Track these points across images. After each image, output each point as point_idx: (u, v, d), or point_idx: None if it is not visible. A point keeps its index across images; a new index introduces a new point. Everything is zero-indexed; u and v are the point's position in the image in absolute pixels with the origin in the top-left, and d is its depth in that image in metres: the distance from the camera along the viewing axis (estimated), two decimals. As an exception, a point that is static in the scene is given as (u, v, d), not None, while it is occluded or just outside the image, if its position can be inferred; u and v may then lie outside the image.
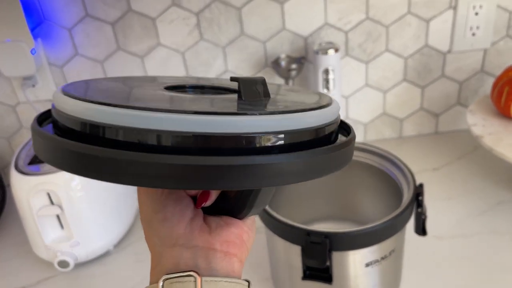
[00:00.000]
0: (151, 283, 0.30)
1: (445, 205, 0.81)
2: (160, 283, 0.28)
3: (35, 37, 0.87)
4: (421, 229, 0.58)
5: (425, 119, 1.00)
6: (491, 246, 0.71)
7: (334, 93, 0.87)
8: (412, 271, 0.67)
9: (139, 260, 0.77)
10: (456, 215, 0.78)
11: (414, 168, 0.90)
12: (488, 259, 0.69)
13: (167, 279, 0.28)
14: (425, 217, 0.59)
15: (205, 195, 0.31)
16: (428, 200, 0.76)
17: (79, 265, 0.76)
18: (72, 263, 0.73)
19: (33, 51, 0.85)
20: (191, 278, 0.27)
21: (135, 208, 0.85)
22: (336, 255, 0.53)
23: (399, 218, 0.53)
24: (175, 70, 0.93)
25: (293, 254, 0.55)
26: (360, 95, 0.97)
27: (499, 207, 0.79)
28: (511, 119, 0.78)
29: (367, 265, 0.55)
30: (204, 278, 0.28)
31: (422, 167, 0.91)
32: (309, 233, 0.51)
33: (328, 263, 0.52)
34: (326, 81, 0.86)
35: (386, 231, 0.53)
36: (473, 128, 0.77)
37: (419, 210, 0.57)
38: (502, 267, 0.67)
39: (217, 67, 0.92)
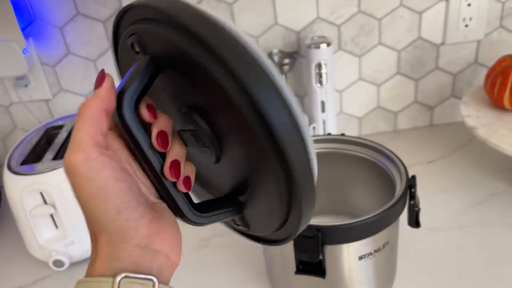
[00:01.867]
0: (99, 274, 0.29)
1: (440, 197, 0.81)
2: (118, 278, 0.27)
3: (26, 36, 0.86)
4: (414, 222, 0.58)
5: (419, 112, 1.00)
6: (486, 237, 0.71)
7: (327, 87, 0.87)
8: (408, 263, 0.67)
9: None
10: (451, 207, 0.78)
11: (409, 161, 0.90)
12: (484, 250, 0.69)
13: (127, 277, 0.28)
14: (418, 209, 0.58)
15: (188, 181, 0.30)
16: (424, 192, 0.76)
17: (74, 264, 0.76)
18: (67, 262, 0.73)
19: (24, 51, 0.85)
20: (150, 283, 0.28)
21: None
22: (329, 249, 0.53)
23: (391, 210, 0.53)
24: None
25: (286, 248, 0.55)
26: (354, 89, 0.96)
27: (494, 199, 0.79)
28: (505, 110, 0.78)
29: (361, 258, 0.55)
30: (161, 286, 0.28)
31: (417, 160, 0.91)
32: (301, 227, 0.51)
33: (321, 257, 0.52)
34: (319, 75, 0.86)
35: (378, 224, 0.53)
36: (467, 120, 0.77)
37: (412, 202, 0.56)
38: (498, 258, 0.67)
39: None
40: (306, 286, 0.59)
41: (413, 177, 0.58)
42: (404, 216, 0.58)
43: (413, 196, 0.56)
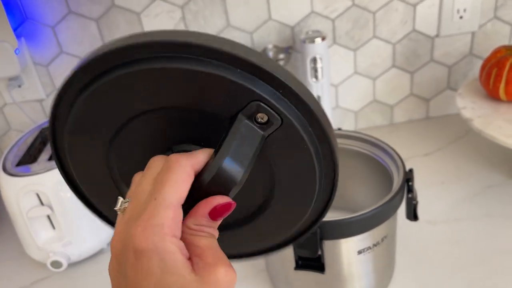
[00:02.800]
0: None
1: (437, 190, 0.81)
2: None
3: (18, 36, 0.85)
4: (412, 215, 0.58)
5: (415, 104, 1.00)
6: (483, 230, 0.71)
7: (323, 82, 0.87)
8: (406, 256, 0.68)
9: (133, 257, 0.77)
10: (448, 199, 0.78)
11: (406, 154, 0.91)
12: (481, 243, 0.69)
13: None
14: (416, 202, 0.58)
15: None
16: (421, 185, 0.76)
17: (73, 264, 0.76)
18: (65, 263, 0.72)
19: (17, 51, 0.84)
20: None
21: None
22: (327, 244, 0.53)
23: (389, 204, 0.52)
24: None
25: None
26: (350, 83, 0.96)
27: (491, 190, 0.79)
28: (500, 101, 0.78)
29: (360, 252, 0.55)
30: None
31: (414, 153, 0.91)
32: (299, 223, 0.51)
33: (320, 252, 0.52)
34: (315, 70, 0.86)
35: (376, 218, 0.52)
36: (463, 112, 0.77)
37: (410, 195, 0.56)
38: (495, 250, 0.68)
39: (205, 60, 0.92)
40: (305, 282, 0.59)
41: (411, 170, 0.58)
42: (402, 210, 0.58)
43: (410, 189, 0.56)
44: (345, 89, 0.97)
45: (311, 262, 0.54)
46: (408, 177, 0.56)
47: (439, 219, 0.75)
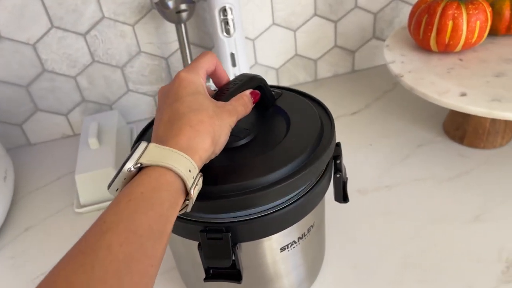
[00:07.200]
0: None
1: (366, 152, 0.74)
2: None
3: None
4: (341, 196, 0.49)
5: (340, 57, 0.91)
6: (416, 196, 0.65)
7: (236, 36, 0.74)
8: (337, 236, 0.60)
9: (16, 266, 0.62)
10: (378, 163, 0.72)
11: (332, 113, 0.82)
12: (414, 212, 0.63)
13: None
14: (346, 179, 0.50)
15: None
16: (350, 149, 0.69)
17: None
18: None
19: None
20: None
21: (5, 204, 0.69)
22: (243, 247, 0.43)
23: (313, 192, 0.43)
24: (35, 21, 0.73)
25: (194, 250, 0.44)
26: (268, 36, 0.84)
27: (420, 150, 0.73)
28: (432, 52, 0.71)
29: (283, 249, 0.45)
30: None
31: (341, 112, 0.83)
32: (205, 228, 0.40)
33: (233, 258, 0.42)
34: (225, 22, 0.72)
35: (300, 210, 0.43)
36: (392, 66, 0.69)
37: (338, 175, 0.47)
38: (429, 218, 0.62)
39: (90, 14, 0.74)
40: (224, 284, 0.49)
41: (338, 144, 0.48)
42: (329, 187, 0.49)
43: (339, 169, 0.47)
44: (263, 43, 0.85)
45: (225, 270, 0.44)
46: (336, 154, 0.47)
47: (369, 187, 0.68)
